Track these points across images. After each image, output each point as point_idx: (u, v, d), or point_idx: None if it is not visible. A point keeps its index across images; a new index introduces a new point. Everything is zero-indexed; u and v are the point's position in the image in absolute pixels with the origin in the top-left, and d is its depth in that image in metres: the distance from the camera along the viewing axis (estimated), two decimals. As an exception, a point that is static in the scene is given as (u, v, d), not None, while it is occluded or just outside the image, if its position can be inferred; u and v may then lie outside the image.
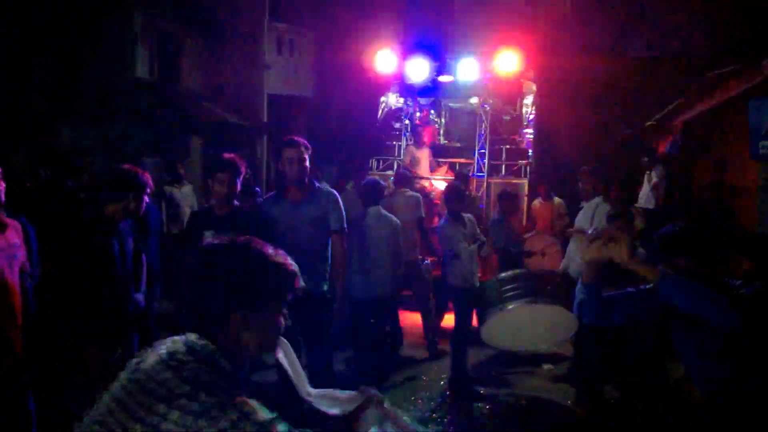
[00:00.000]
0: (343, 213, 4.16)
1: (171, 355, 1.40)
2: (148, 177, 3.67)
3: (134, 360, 1.49)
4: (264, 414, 1.35)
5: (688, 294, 2.18)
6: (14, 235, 3.30)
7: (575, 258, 5.35)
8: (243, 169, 3.96)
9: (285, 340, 1.85)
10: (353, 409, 2.00)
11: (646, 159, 9.35)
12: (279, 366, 1.96)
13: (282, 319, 1.55)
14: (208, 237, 3.79)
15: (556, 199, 8.06)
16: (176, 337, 1.49)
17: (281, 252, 1.58)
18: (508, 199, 6.64)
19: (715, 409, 2.39)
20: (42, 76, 10.47)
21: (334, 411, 2.03)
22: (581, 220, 5.43)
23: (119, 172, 3.62)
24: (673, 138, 9.44)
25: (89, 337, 3.43)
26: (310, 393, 2.08)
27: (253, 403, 1.36)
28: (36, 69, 10.43)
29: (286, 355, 2.02)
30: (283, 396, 2.05)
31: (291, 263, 1.58)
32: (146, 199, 3.68)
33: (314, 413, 2.02)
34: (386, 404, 2.02)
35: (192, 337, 1.46)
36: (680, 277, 2.24)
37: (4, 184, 3.38)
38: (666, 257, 2.44)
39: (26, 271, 3.39)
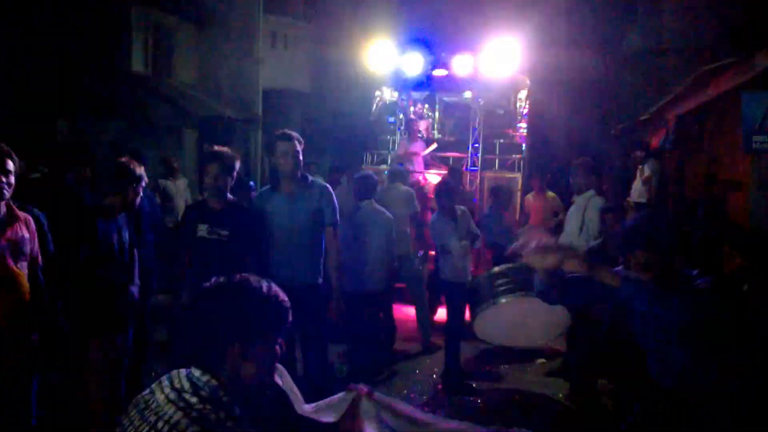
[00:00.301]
0: (337, 207, 4.17)
1: (178, 394, 1.50)
2: (143, 170, 3.70)
3: (142, 396, 1.58)
4: None
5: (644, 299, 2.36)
6: (24, 229, 3.30)
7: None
8: (236, 163, 3.96)
9: (280, 366, 1.87)
10: (345, 409, 2.06)
11: (638, 153, 9.38)
12: (276, 387, 1.97)
13: (278, 348, 1.62)
14: (202, 230, 3.82)
15: (550, 193, 8.04)
16: (180, 372, 1.56)
17: (274, 287, 1.64)
18: (501, 193, 6.63)
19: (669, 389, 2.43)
20: (38, 71, 10.43)
21: (329, 419, 2.09)
22: (573, 213, 5.45)
23: (119, 165, 3.66)
24: (667, 132, 9.46)
25: (90, 327, 3.47)
26: (305, 410, 2.12)
27: None
28: (32, 64, 10.39)
29: (281, 377, 2.04)
30: (280, 414, 2.08)
31: (284, 298, 1.64)
32: (140, 192, 3.71)
33: (311, 426, 2.08)
34: (377, 394, 2.08)
35: (196, 373, 1.54)
36: (638, 285, 2.36)
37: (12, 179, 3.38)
38: (625, 251, 2.48)
39: (39, 265, 3.39)
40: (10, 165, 3.16)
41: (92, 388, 3.47)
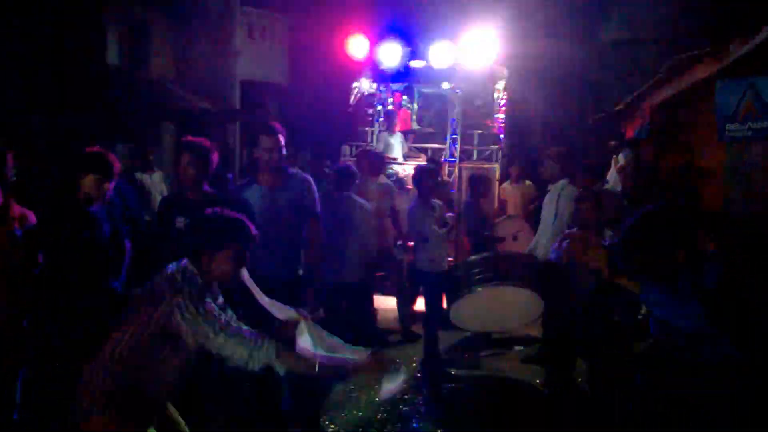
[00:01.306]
0: (317, 198, 4.16)
1: (172, 272, 2.49)
2: (114, 160, 3.61)
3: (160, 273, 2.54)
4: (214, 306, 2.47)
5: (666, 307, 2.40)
6: (17, 225, 3.28)
7: (542, 241, 5.45)
8: (211, 154, 3.85)
9: (250, 280, 2.80)
10: (288, 319, 2.75)
11: (613, 143, 9.49)
12: (240, 281, 2.73)
13: (240, 262, 2.57)
14: (180, 223, 3.74)
15: (527, 182, 8.09)
16: (180, 262, 2.53)
17: (241, 216, 2.64)
18: (479, 182, 6.69)
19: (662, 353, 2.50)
20: (10, 64, 10.24)
21: (277, 315, 2.80)
22: (547, 202, 5.51)
23: (86, 155, 3.57)
24: (642, 122, 9.58)
25: (68, 324, 3.39)
26: (263, 300, 2.85)
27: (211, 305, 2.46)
28: (3, 57, 10.19)
29: (252, 287, 2.82)
30: (243, 297, 2.81)
31: (247, 224, 2.61)
32: (111, 184, 3.61)
33: (263, 312, 2.82)
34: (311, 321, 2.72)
35: (188, 264, 2.52)
36: (657, 295, 2.40)
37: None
38: (629, 257, 2.49)
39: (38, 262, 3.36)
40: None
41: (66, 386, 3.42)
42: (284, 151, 4.03)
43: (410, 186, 6.97)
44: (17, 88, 10.13)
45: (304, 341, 2.56)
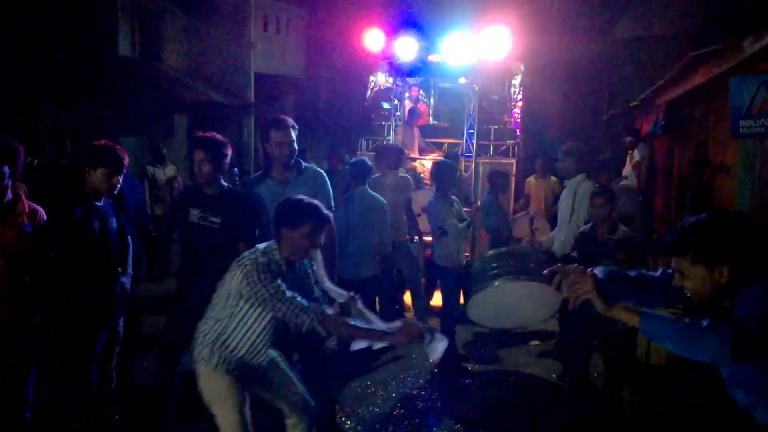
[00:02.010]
0: (331, 192, 4.15)
1: (257, 252, 2.91)
2: (122, 153, 3.57)
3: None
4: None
5: (669, 338, 1.99)
6: (27, 221, 3.31)
7: (559, 236, 5.46)
8: (225, 149, 3.83)
9: (319, 252, 3.35)
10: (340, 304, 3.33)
11: (629, 138, 9.47)
12: (307, 260, 3.20)
13: (313, 239, 2.95)
14: (194, 216, 3.75)
15: (553, 178, 7.92)
16: (269, 242, 2.99)
17: (316, 202, 3.03)
18: (498, 177, 6.69)
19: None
20: (21, 55, 10.24)
21: (337, 298, 3.38)
22: (564, 198, 5.52)
23: (96, 148, 3.53)
24: (657, 117, 9.55)
25: (73, 319, 3.40)
26: (326, 285, 3.43)
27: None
28: (14, 48, 10.19)
29: (319, 267, 3.38)
30: (306, 276, 3.23)
31: (320, 207, 2.99)
32: (120, 177, 3.57)
33: (321, 294, 3.36)
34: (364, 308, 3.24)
35: (270, 243, 2.98)
36: (659, 323, 1.99)
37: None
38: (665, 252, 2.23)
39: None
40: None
41: (74, 381, 3.41)
42: (296, 146, 4.00)
43: (427, 182, 7.00)
44: (26, 79, 10.11)
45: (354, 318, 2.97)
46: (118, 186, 3.58)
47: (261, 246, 2.97)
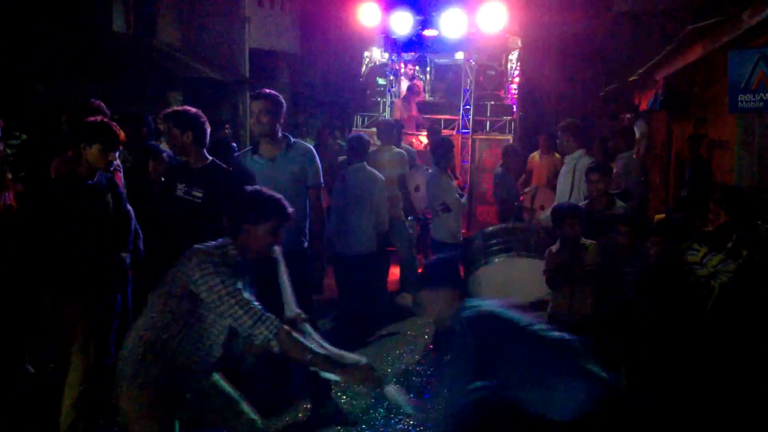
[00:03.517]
0: (320, 168, 4.08)
1: (209, 247, 2.57)
2: (118, 129, 3.51)
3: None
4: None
5: None
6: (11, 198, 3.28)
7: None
8: (200, 121, 3.72)
9: (282, 259, 2.89)
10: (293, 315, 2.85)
11: (628, 115, 9.42)
12: (272, 256, 2.84)
13: (276, 236, 2.67)
14: (180, 190, 3.69)
15: (556, 155, 7.89)
16: (223, 239, 2.64)
17: (279, 195, 2.75)
18: (512, 154, 7.07)
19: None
20: (12, 31, 10.10)
21: (289, 308, 2.88)
22: (564, 175, 5.50)
23: (90, 124, 3.49)
24: (655, 93, 9.48)
25: (62, 292, 3.39)
26: (285, 282, 2.93)
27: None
28: (8, 24, 10.05)
29: (281, 267, 2.91)
30: (268, 272, 2.88)
31: (283, 202, 2.71)
32: (115, 154, 3.54)
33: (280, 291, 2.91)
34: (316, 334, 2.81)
35: (226, 238, 2.63)
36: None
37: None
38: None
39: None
40: None
41: (68, 354, 3.39)
42: (278, 118, 3.91)
43: (420, 161, 6.97)
44: (18, 55, 9.99)
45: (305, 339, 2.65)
46: (114, 162, 3.54)
47: (213, 243, 2.61)
